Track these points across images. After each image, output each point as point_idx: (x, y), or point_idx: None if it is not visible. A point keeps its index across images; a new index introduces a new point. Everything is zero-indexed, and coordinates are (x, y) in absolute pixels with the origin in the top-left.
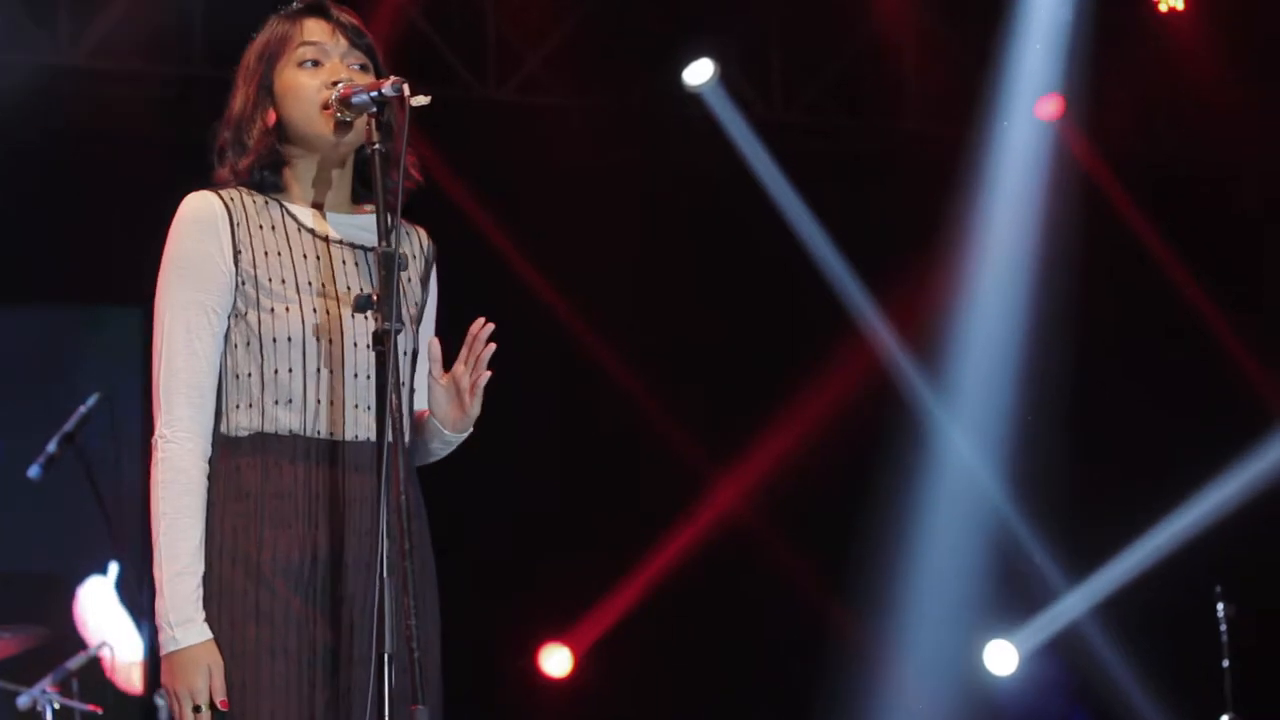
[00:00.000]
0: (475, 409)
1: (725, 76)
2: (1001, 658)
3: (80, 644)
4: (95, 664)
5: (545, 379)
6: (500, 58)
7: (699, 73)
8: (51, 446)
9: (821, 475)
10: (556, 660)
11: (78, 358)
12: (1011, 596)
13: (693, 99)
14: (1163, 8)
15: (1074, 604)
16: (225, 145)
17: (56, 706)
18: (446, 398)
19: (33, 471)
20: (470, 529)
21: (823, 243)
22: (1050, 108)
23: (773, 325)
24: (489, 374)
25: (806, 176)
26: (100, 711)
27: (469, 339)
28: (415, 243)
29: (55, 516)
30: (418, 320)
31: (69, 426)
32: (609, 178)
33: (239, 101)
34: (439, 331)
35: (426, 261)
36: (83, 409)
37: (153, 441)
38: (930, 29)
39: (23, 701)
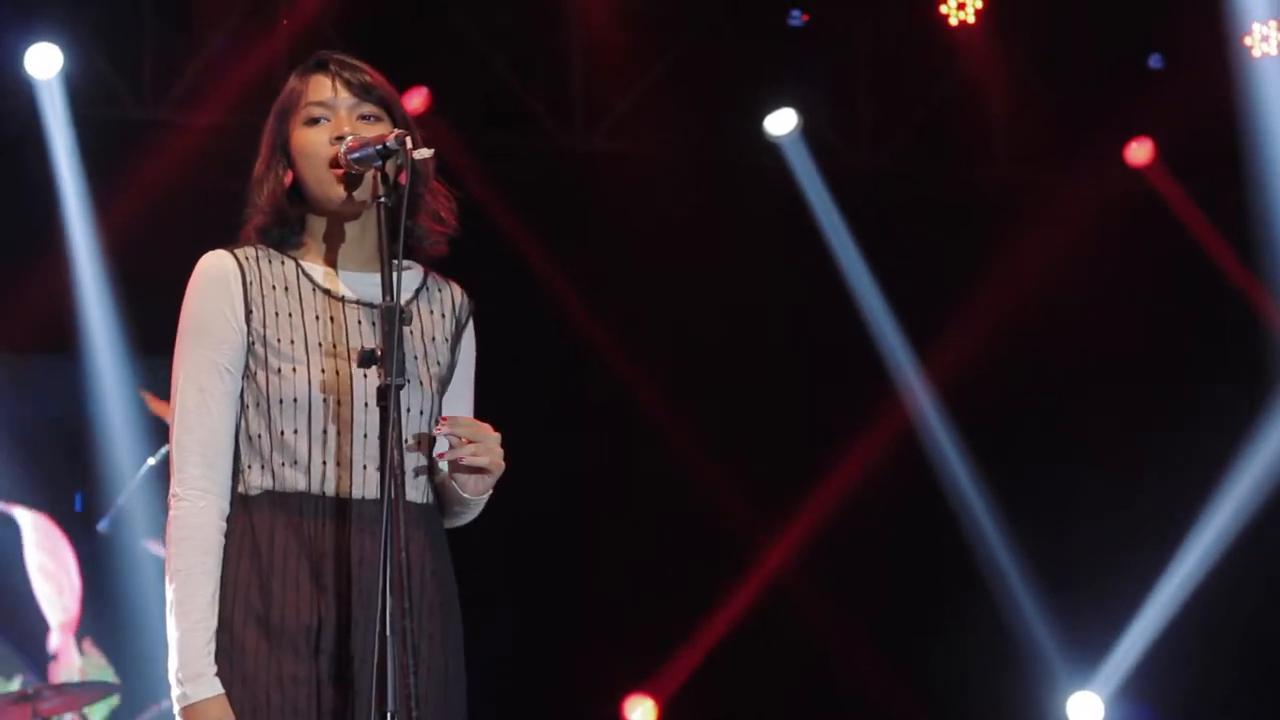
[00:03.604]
0: (476, 481)
1: (809, 125)
2: (1086, 710)
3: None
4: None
5: (613, 426)
6: (586, 105)
7: (781, 122)
8: (122, 499)
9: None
10: (641, 712)
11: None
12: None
13: (772, 148)
14: None
15: (1141, 632)
16: (248, 204)
17: None
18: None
19: (102, 525)
20: (545, 581)
21: (874, 296)
22: (1142, 153)
23: (835, 375)
24: (479, 457)
25: (893, 223)
26: None
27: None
28: (446, 301)
29: (127, 565)
30: (443, 381)
31: (139, 480)
32: (683, 227)
33: (258, 162)
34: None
35: (457, 322)
36: (151, 461)
37: (168, 499)
38: (1019, 74)
39: None
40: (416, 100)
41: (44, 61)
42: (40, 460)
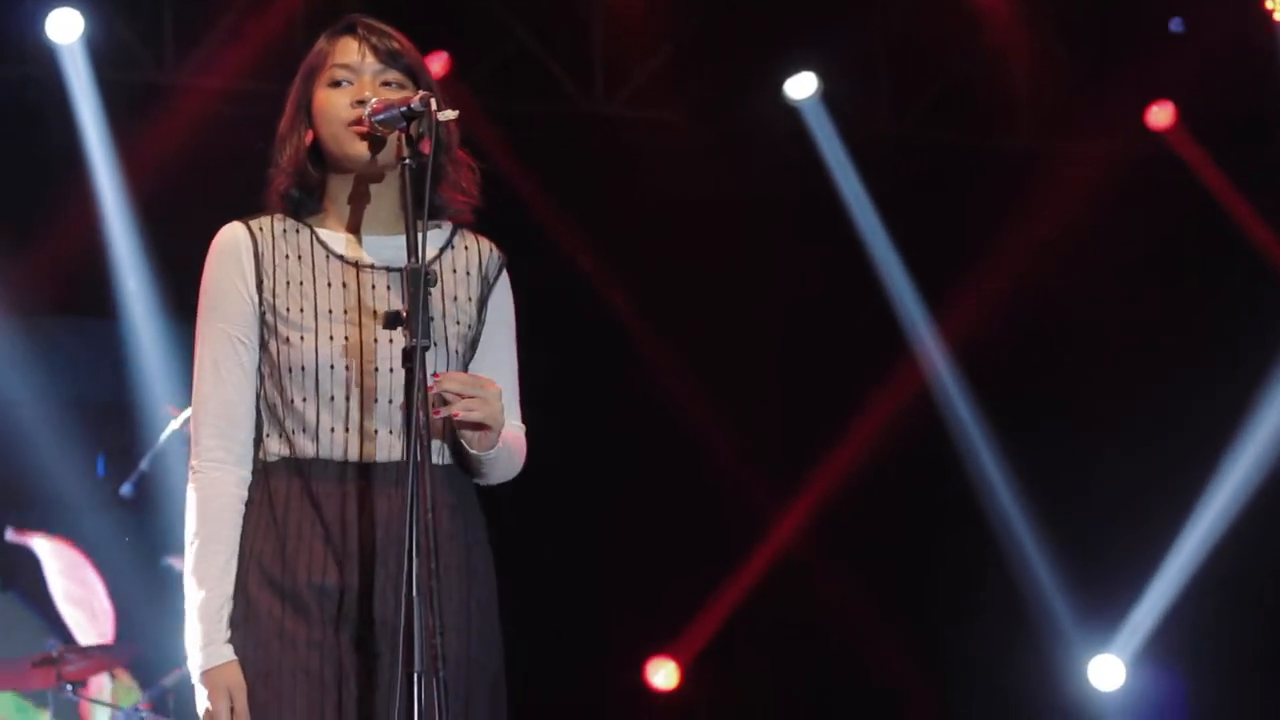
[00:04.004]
0: (480, 437)
1: (829, 91)
2: (1107, 673)
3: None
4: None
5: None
6: (607, 70)
7: (801, 86)
8: (144, 465)
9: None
10: (664, 674)
11: (172, 373)
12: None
13: (792, 114)
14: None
15: (1162, 592)
16: (271, 163)
17: None
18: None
19: (125, 489)
20: (567, 546)
21: (893, 262)
22: (1163, 116)
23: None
24: (456, 412)
25: (913, 190)
26: None
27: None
28: (473, 257)
29: (149, 528)
30: (468, 340)
31: (161, 444)
32: (705, 194)
33: (283, 121)
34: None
35: (485, 279)
36: (174, 425)
37: (188, 472)
38: (1039, 38)
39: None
40: (436, 65)
41: (65, 26)
42: (63, 424)
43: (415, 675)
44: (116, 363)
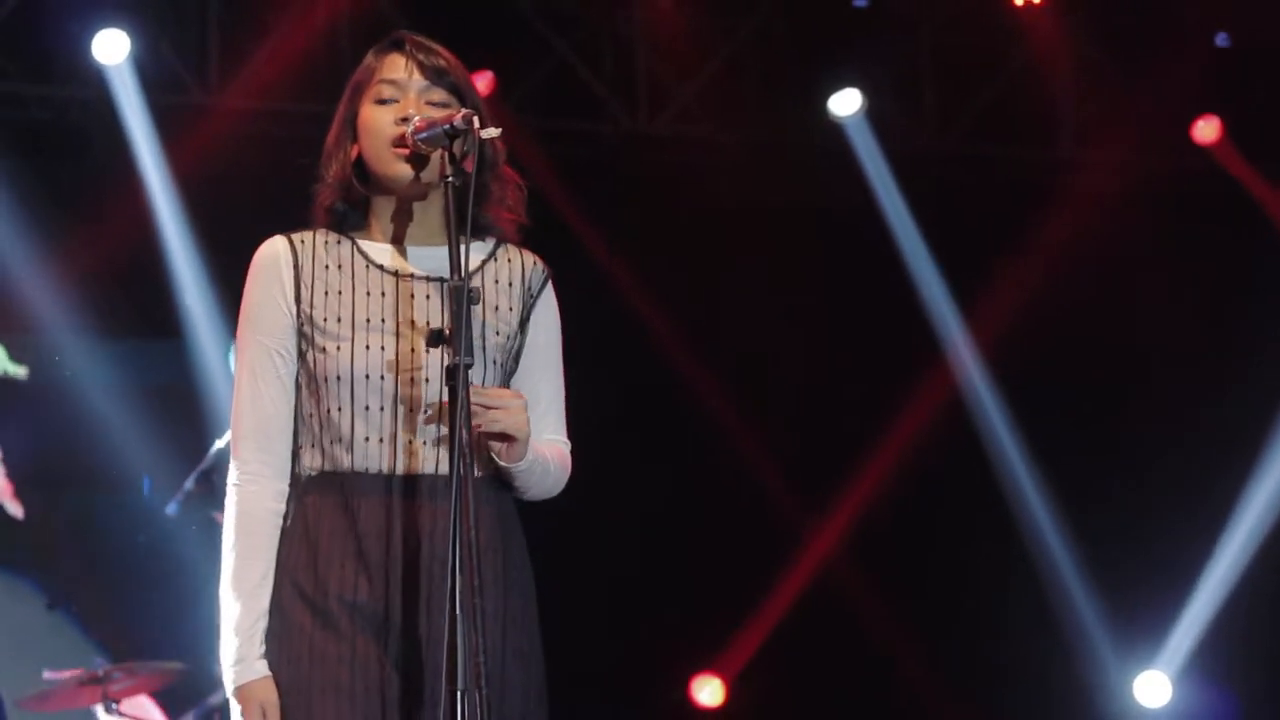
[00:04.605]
0: (507, 449)
1: (873, 107)
2: (1153, 690)
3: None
4: None
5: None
6: (650, 89)
7: (846, 103)
8: (189, 484)
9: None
10: (709, 690)
11: (216, 393)
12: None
13: (837, 131)
14: None
15: (1204, 605)
16: (318, 178)
17: None
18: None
19: (170, 509)
20: (612, 565)
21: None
22: (1209, 131)
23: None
24: (496, 423)
25: (958, 205)
26: None
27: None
28: (516, 269)
29: (192, 549)
30: (508, 352)
31: (205, 464)
32: (748, 212)
33: (329, 136)
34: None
35: (528, 291)
36: (219, 444)
37: (227, 487)
38: (1084, 53)
39: None
40: (481, 84)
41: (111, 47)
42: (111, 442)
43: (459, 693)
44: (173, 379)
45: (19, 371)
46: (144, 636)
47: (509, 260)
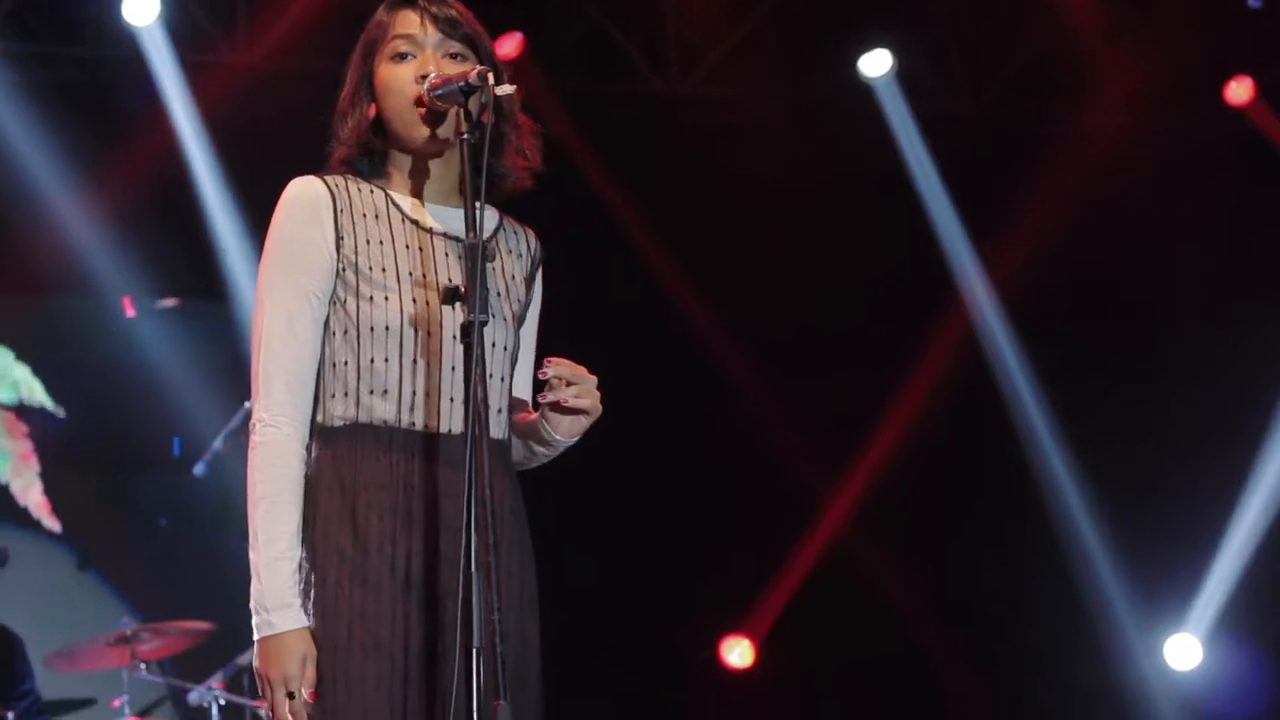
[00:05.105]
0: (571, 423)
1: (904, 71)
2: (1183, 652)
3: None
4: None
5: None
6: (681, 50)
7: (876, 64)
8: (218, 443)
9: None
10: (739, 652)
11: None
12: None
13: (867, 92)
14: None
15: (1230, 566)
16: (332, 136)
17: (222, 703)
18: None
19: (199, 469)
20: (640, 529)
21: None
22: (1242, 92)
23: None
24: (581, 400)
25: (988, 169)
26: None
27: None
28: (522, 243)
29: (220, 510)
30: (519, 319)
31: (234, 423)
32: (778, 173)
33: (343, 94)
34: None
35: (533, 261)
36: (248, 405)
37: (250, 425)
38: (1115, 15)
39: (193, 697)
40: (511, 45)
41: (141, 8)
42: (142, 405)
43: (474, 651)
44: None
45: (56, 410)
46: (174, 597)
47: (514, 233)
